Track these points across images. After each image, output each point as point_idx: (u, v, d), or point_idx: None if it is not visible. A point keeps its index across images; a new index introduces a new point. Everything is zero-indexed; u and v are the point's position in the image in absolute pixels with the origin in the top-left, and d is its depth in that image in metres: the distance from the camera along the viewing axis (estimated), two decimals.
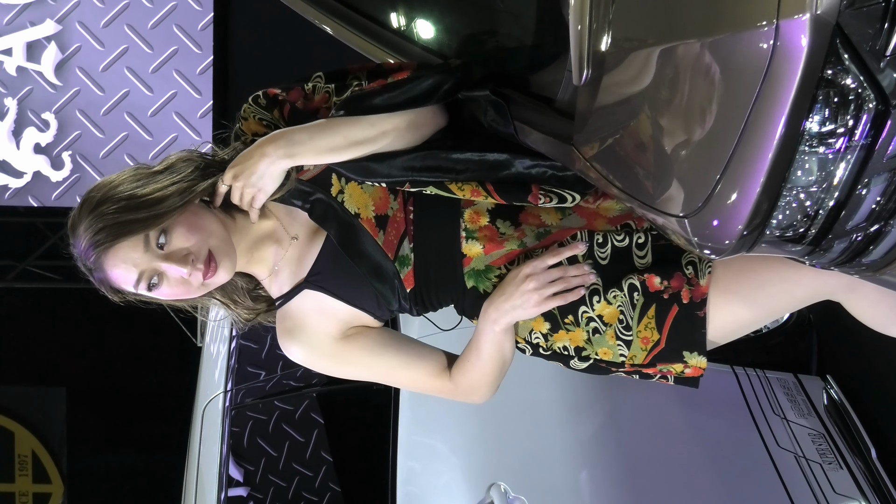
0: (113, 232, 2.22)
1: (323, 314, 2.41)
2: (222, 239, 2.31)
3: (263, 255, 2.45)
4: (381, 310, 2.45)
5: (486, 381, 2.49)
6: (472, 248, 2.42)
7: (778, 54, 1.51)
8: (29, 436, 8.57)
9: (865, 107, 1.55)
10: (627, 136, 1.90)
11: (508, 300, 2.36)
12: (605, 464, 3.95)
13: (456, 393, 2.52)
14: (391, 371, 2.49)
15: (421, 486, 4.07)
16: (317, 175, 2.41)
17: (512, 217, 2.43)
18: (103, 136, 6.47)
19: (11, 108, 6.36)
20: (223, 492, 4.58)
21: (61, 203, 6.58)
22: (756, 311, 2.38)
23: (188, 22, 6.46)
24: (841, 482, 3.99)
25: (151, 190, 2.26)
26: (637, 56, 1.82)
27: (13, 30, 6.32)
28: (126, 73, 6.45)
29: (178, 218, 2.26)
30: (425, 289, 2.46)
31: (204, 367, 5.24)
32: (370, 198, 2.41)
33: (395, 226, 2.43)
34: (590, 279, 2.36)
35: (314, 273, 2.41)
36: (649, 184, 1.86)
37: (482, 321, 2.42)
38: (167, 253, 2.25)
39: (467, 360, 2.47)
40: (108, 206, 2.24)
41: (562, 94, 2.32)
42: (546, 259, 2.36)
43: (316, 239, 2.43)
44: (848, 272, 1.77)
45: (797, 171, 1.61)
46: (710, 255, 1.79)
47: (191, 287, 2.30)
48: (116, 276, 2.27)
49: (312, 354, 2.43)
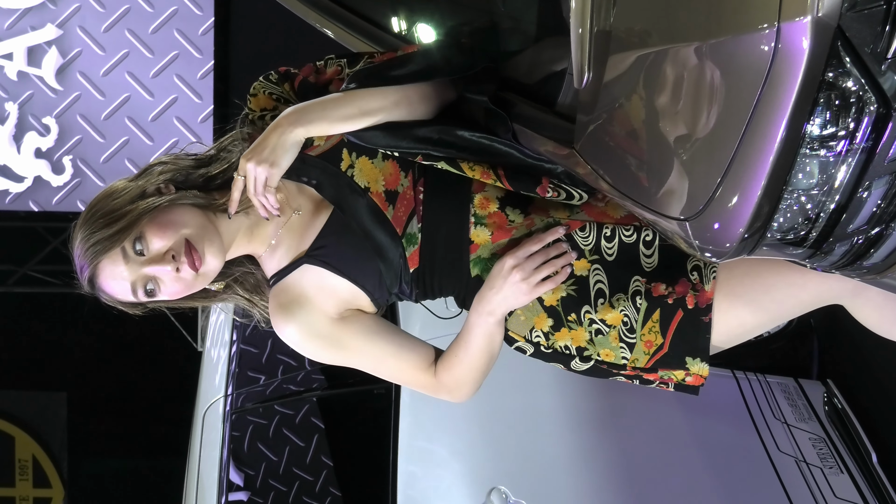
0: (91, 253, 2.28)
1: (322, 291, 2.38)
2: (198, 226, 2.31)
3: (264, 229, 2.43)
4: (380, 291, 2.42)
5: (472, 377, 2.47)
6: (480, 234, 2.41)
7: (779, 57, 1.51)
8: (29, 440, 8.57)
9: (867, 110, 1.55)
10: (628, 138, 1.90)
11: (499, 292, 2.36)
12: (605, 468, 3.95)
13: (439, 389, 2.50)
14: (380, 359, 2.46)
15: (421, 490, 4.07)
16: (327, 150, 2.40)
17: (522, 206, 2.43)
18: (104, 141, 6.48)
19: (12, 112, 6.36)
20: (223, 496, 4.58)
21: (62, 208, 6.59)
22: (761, 316, 2.38)
23: (189, 27, 6.47)
24: (841, 486, 3.99)
25: (120, 202, 2.31)
26: (638, 59, 1.82)
27: (14, 34, 6.33)
28: (127, 77, 6.45)
29: (148, 222, 2.28)
30: (429, 271, 2.44)
31: (204, 371, 5.24)
32: (381, 173, 2.41)
33: (405, 202, 2.42)
34: (572, 257, 2.37)
35: (317, 247, 2.39)
36: (650, 186, 1.86)
37: (474, 314, 2.41)
38: (148, 258, 2.28)
39: (454, 355, 2.46)
40: (86, 229, 2.30)
41: (563, 97, 2.32)
42: (527, 247, 2.36)
43: (320, 213, 2.42)
44: (849, 275, 1.77)
45: (798, 174, 1.61)
46: (710, 257, 1.79)
47: (188, 282, 2.31)
48: (114, 292, 2.33)
49: (307, 333, 2.38)
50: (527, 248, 2.36)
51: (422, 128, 2.39)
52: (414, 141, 2.37)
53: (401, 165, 2.43)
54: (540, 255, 2.36)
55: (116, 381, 8.45)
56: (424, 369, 2.48)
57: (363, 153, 2.40)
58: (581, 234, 2.38)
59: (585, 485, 3.90)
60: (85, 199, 6.50)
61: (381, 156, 2.41)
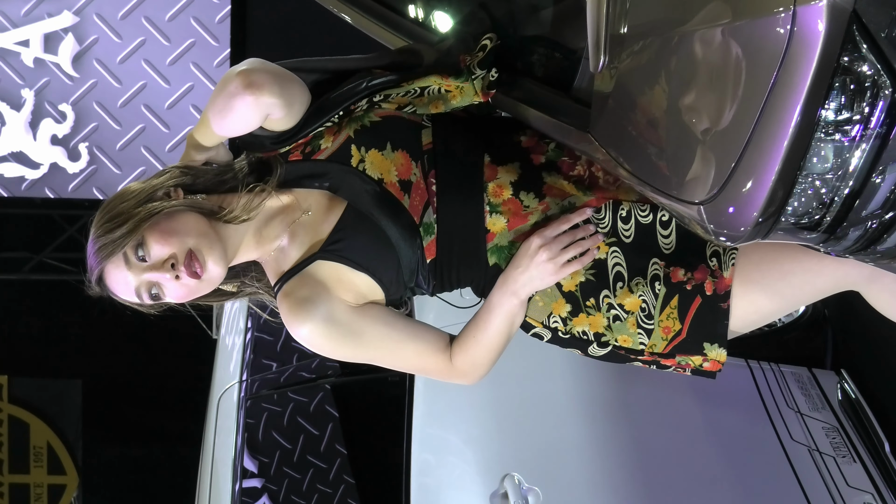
0: (98, 256, 2.30)
1: (340, 283, 2.37)
2: (201, 234, 2.29)
3: (272, 231, 2.41)
4: (396, 284, 2.41)
5: (488, 359, 2.46)
6: (496, 222, 2.41)
7: (794, 40, 1.52)
8: (44, 427, 8.58)
9: (882, 94, 1.56)
10: (643, 123, 1.91)
11: (525, 272, 2.36)
12: (618, 456, 3.95)
13: (453, 373, 2.48)
14: (399, 344, 2.43)
15: (435, 477, 4.08)
16: (335, 151, 2.40)
17: (536, 189, 2.42)
18: (120, 129, 6.49)
19: (28, 99, 6.37)
20: (238, 483, 4.59)
21: (78, 195, 6.60)
22: (778, 302, 2.38)
23: (205, 14, 6.47)
24: (854, 476, 3.99)
25: (127, 205, 2.32)
26: (654, 43, 1.82)
27: (30, 21, 6.33)
28: (143, 65, 6.46)
29: (151, 228, 2.27)
30: (447, 262, 2.43)
31: (219, 358, 5.25)
32: (392, 163, 2.40)
33: (419, 192, 2.41)
34: (599, 239, 2.37)
35: (332, 242, 2.37)
36: (665, 170, 1.86)
37: (497, 294, 2.40)
38: (149, 264, 2.28)
39: (472, 336, 2.44)
40: (95, 231, 2.32)
41: (578, 81, 2.32)
42: (555, 227, 2.36)
43: (332, 212, 2.40)
44: (863, 260, 1.78)
45: (813, 158, 1.62)
46: (725, 241, 1.79)
47: (190, 287, 2.31)
48: (121, 294, 2.34)
49: (324, 324, 2.35)
50: (555, 228, 2.36)
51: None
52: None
53: (411, 155, 2.43)
54: (567, 236, 2.36)
55: (131, 369, 8.45)
56: (441, 351, 2.46)
57: (372, 146, 2.40)
58: (597, 217, 2.38)
59: (598, 472, 3.90)
60: (100, 186, 6.52)
61: (390, 147, 2.41)
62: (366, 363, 2.49)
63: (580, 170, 2.45)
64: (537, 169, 2.46)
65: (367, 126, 2.42)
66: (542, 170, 2.46)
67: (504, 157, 2.46)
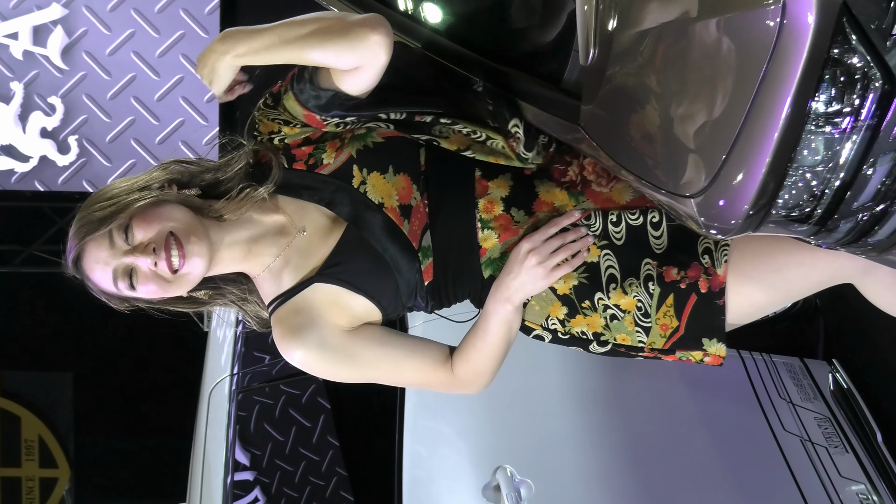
0: (79, 234, 2.30)
1: (334, 306, 2.36)
2: (186, 223, 2.28)
3: (265, 249, 2.39)
4: (393, 305, 2.41)
5: (489, 367, 2.46)
6: (487, 238, 2.41)
7: (784, 32, 1.52)
8: (35, 420, 8.58)
9: (872, 86, 1.56)
10: (634, 116, 1.90)
11: (516, 278, 2.36)
12: (610, 447, 3.96)
13: (456, 384, 2.48)
14: (398, 362, 2.42)
15: (427, 469, 4.08)
16: (337, 168, 2.39)
17: (526, 206, 2.43)
18: (110, 121, 6.46)
19: (18, 92, 6.34)
20: (229, 475, 4.59)
21: (68, 187, 6.56)
22: (772, 295, 2.38)
23: (195, 6, 6.45)
24: (846, 466, 4.00)
25: (119, 191, 2.33)
26: (644, 35, 1.82)
27: (19, 13, 6.30)
28: (132, 57, 6.43)
29: (138, 213, 2.27)
30: (444, 281, 2.44)
31: (210, 351, 5.24)
32: (393, 187, 2.40)
33: (419, 216, 2.41)
34: (589, 241, 2.37)
35: (330, 265, 2.36)
36: (655, 164, 1.86)
37: (491, 302, 2.40)
38: (131, 247, 2.27)
39: (472, 346, 2.44)
40: (82, 212, 2.34)
41: (569, 74, 2.32)
42: (544, 231, 2.37)
43: (331, 233, 2.39)
44: (855, 252, 1.78)
45: (803, 150, 1.61)
46: (716, 234, 1.79)
47: (161, 282, 2.29)
48: (96, 278, 2.33)
49: (319, 351, 2.34)
50: (543, 232, 2.37)
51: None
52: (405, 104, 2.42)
53: (412, 179, 2.43)
54: (556, 240, 2.36)
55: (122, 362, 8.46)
56: (442, 364, 2.46)
57: (374, 169, 2.40)
58: (587, 223, 2.39)
59: (591, 463, 3.91)
60: (91, 178, 6.49)
61: (392, 170, 2.41)
62: None
63: (572, 174, 2.45)
64: (528, 178, 2.46)
65: (370, 147, 2.42)
66: (533, 178, 2.46)
67: (495, 169, 2.45)
